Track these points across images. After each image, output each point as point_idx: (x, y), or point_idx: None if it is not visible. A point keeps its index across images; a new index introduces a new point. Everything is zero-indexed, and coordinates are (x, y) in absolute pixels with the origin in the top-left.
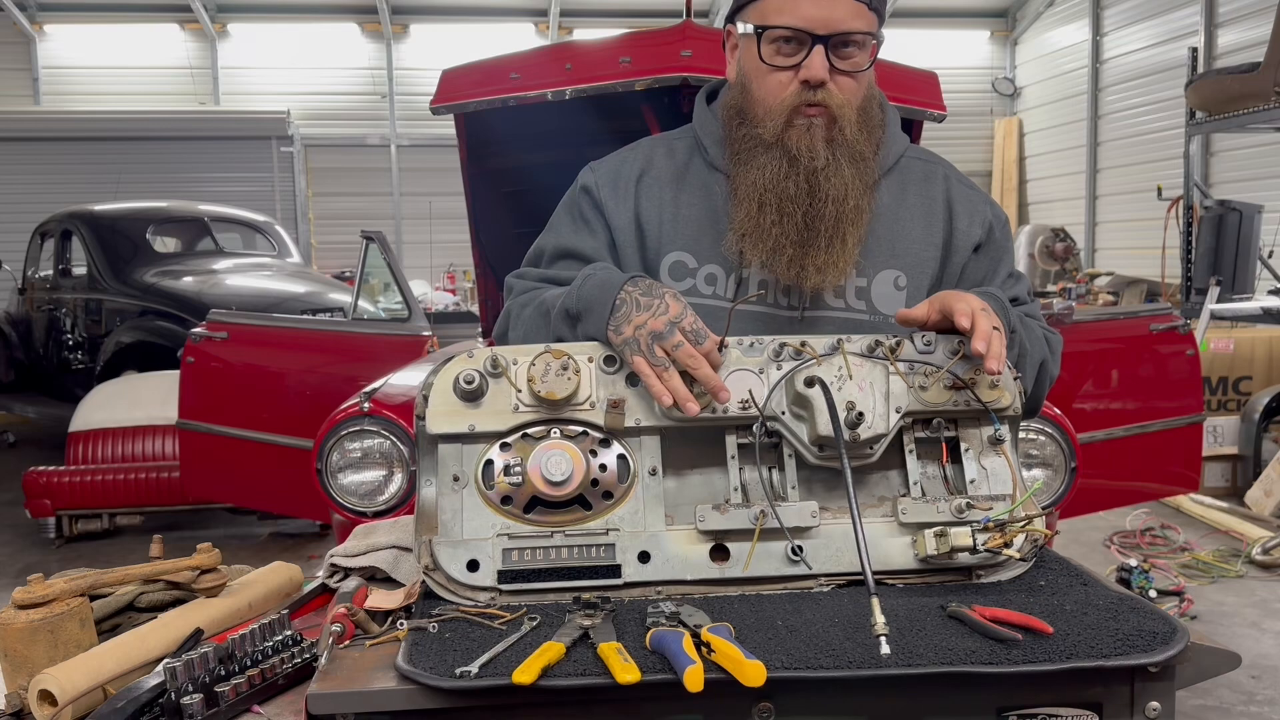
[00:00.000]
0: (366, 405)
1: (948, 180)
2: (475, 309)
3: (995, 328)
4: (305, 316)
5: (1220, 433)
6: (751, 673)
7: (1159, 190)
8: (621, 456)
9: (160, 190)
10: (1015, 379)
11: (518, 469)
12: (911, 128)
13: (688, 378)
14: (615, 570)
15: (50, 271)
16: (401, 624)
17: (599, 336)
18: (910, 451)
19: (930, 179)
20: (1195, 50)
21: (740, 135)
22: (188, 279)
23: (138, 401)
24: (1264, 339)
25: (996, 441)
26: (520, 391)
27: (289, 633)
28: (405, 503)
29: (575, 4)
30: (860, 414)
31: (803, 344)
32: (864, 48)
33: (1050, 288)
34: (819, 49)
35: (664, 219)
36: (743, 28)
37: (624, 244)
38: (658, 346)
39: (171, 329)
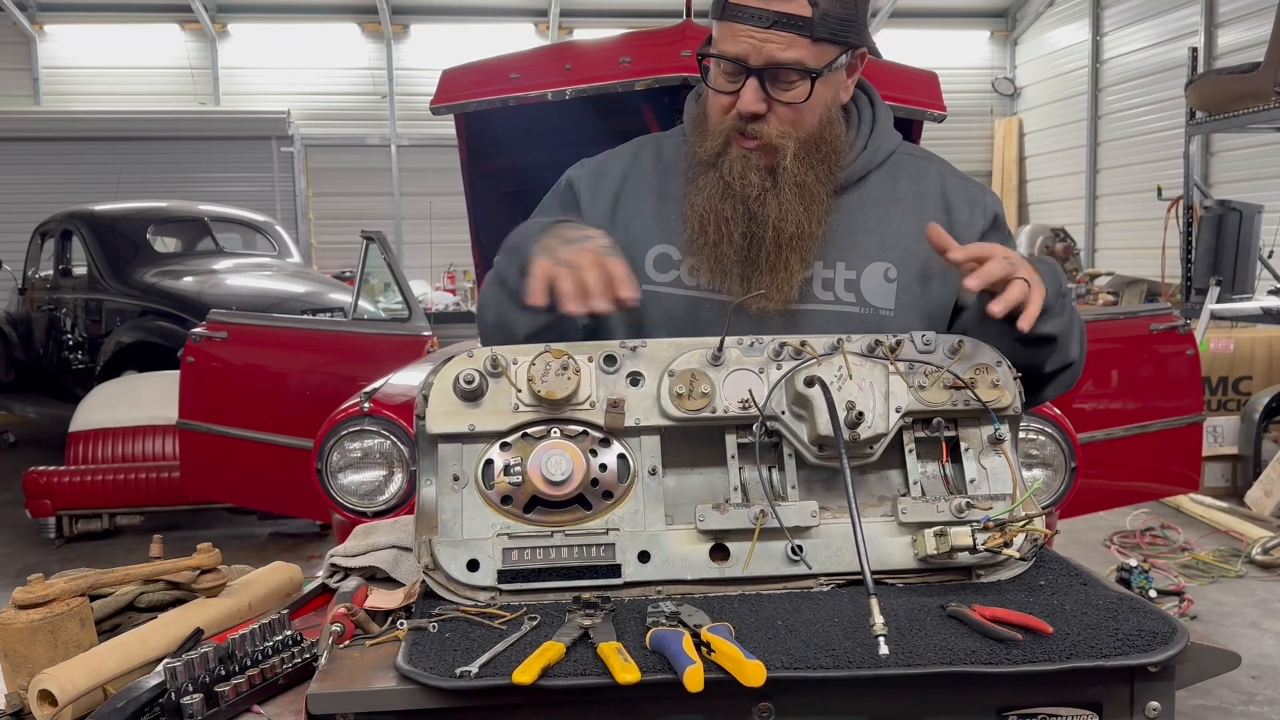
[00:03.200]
0: (366, 405)
1: (941, 175)
2: (475, 309)
3: (1016, 278)
4: (305, 316)
5: (1220, 433)
6: (751, 673)
7: (1159, 190)
8: (621, 456)
9: (160, 190)
10: (1015, 378)
11: (518, 469)
12: (911, 128)
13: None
14: (615, 570)
15: (50, 271)
16: (401, 624)
17: (529, 257)
18: (910, 451)
19: (923, 174)
20: (1195, 50)
21: (691, 151)
22: (188, 279)
23: (138, 401)
24: (1264, 339)
25: (996, 441)
26: (520, 391)
27: (289, 633)
28: (405, 503)
29: (575, 4)
30: (860, 413)
31: (803, 343)
32: (807, 78)
33: None
34: (751, 81)
35: (647, 214)
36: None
37: None
38: (563, 249)
39: (171, 329)
